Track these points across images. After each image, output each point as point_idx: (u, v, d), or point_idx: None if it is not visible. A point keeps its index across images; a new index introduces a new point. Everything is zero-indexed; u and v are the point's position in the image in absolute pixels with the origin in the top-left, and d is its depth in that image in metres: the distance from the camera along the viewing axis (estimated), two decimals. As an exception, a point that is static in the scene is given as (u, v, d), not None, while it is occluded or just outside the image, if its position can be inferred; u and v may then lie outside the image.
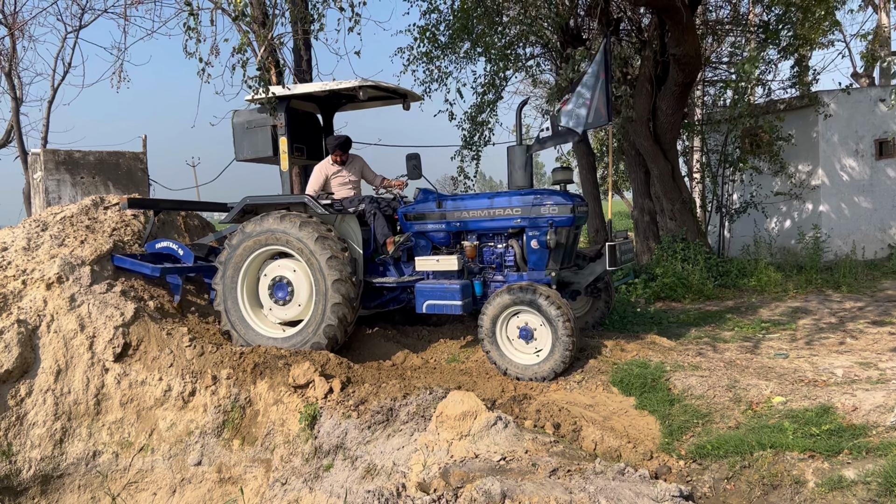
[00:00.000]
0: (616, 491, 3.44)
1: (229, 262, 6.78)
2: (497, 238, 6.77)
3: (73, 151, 11.56)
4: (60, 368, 6.03)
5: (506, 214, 6.55)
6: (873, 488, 3.63)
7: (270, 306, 6.83)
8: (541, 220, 6.38)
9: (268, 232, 6.62)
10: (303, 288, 6.65)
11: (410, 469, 4.37)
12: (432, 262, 6.69)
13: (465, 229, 6.80)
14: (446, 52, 12.13)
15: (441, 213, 6.83)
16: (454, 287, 6.41)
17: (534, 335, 6.03)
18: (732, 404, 5.14)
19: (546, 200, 6.40)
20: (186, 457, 5.73)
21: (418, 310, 6.56)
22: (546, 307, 5.84)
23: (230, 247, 6.80)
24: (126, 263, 7.00)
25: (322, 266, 6.38)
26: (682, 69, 10.02)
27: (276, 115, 6.90)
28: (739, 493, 4.04)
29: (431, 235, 6.95)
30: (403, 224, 7.06)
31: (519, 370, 6.02)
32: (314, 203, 6.75)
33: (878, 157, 12.15)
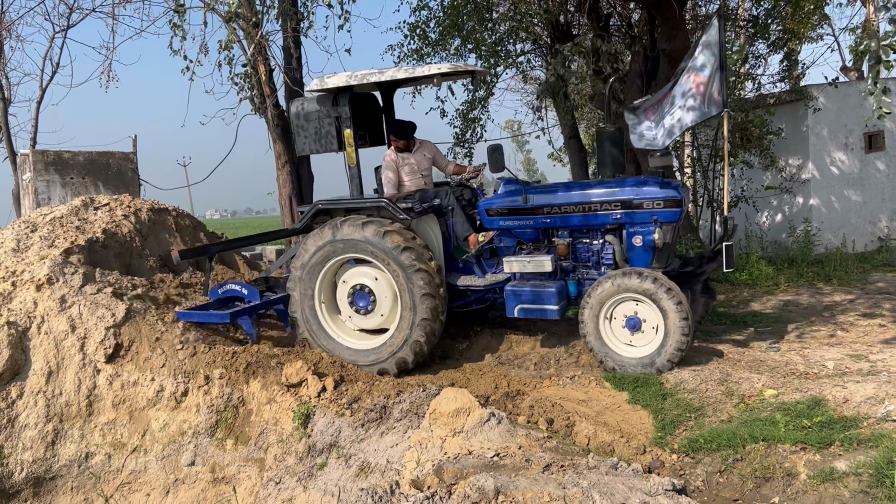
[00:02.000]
0: (609, 485, 3.44)
1: (305, 270, 6.44)
2: (593, 234, 6.21)
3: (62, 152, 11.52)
4: (52, 370, 6.00)
5: (604, 209, 5.98)
6: (864, 479, 3.65)
7: (350, 315, 6.48)
8: (644, 215, 5.84)
9: (346, 240, 6.22)
10: (386, 297, 6.29)
11: (404, 466, 4.37)
12: (522, 263, 6.17)
13: (557, 225, 6.23)
14: (437, 49, 12.11)
15: (529, 207, 6.24)
16: (549, 289, 5.94)
17: (642, 326, 5.59)
18: (725, 398, 5.16)
19: (651, 193, 5.82)
20: (180, 457, 5.71)
21: (509, 314, 6.16)
22: (664, 298, 5.37)
23: (306, 253, 6.44)
24: (193, 318, 6.66)
25: (409, 279, 6.01)
26: (673, 64, 10.02)
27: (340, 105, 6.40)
28: (732, 485, 4.06)
29: (517, 232, 6.40)
30: (485, 219, 6.50)
31: (619, 362, 5.66)
32: (394, 207, 6.22)
33: (868, 151, 12.20)
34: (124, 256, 7.49)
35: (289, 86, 10.77)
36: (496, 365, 6.56)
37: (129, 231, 7.67)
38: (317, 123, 6.55)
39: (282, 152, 11.35)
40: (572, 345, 6.57)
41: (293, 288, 6.54)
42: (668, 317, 5.42)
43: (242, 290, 6.91)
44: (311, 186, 12.14)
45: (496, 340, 6.95)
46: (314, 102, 6.58)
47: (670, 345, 5.46)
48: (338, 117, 6.45)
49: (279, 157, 11.44)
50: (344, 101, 6.39)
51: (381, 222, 6.15)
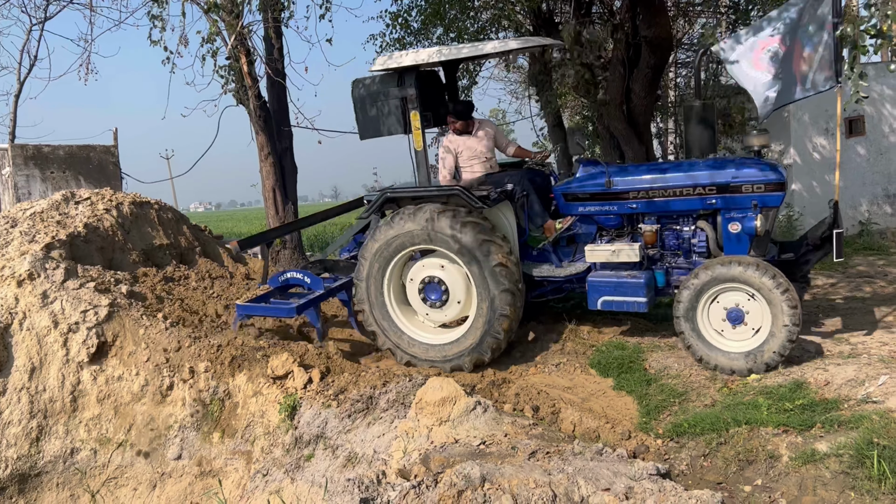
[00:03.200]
0: (594, 471, 3.47)
1: (373, 263, 6.13)
2: (683, 220, 5.79)
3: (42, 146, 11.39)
4: (35, 366, 5.95)
5: (697, 193, 5.56)
6: (845, 460, 3.70)
7: (426, 311, 6.16)
8: (743, 199, 5.43)
9: (419, 230, 5.87)
10: (459, 289, 5.95)
11: (391, 456, 4.39)
12: (606, 252, 5.76)
13: (643, 211, 5.81)
14: (419, 38, 12.06)
15: (613, 192, 5.82)
16: (638, 280, 5.56)
17: (745, 319, 5.17)
18: (708, 383, 5.21)
19: (751, 175, 5.41)
20: (166, 451, 5.70)
21: (591, 306, 5.80)
22: (770, 287, 4.96)
23: (366, 256, 6.16)
24: (257, 311, 6.42)
25: (488, 273, 5.70)
26: (655, 51, 10.04)
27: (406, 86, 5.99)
28: (716, 469, 4.10)
29: (599, 218, 6.00)
30: (562, 205, 6.10)
31: (721, 359, 5.23)
32: (468, 195, 5.81)
33: (848, 136, 12.30)
34: (107, 251, 7.43)
35: (270, 76, 10.70)
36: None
37: (111, 225, 7.61)
38: (381, 105, 6.17)
39: (264, 144, 11.28)
40: (558, 332, 6.60)
41: (360, 281, 6.24)
42: (775, 307, 5.00)
43: (305, 278, 6.59)
44: (294, 178, 12.09)
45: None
46: (377, 83, 6.20)
47: (779, 337, 5.03)
48: (403, 98, 6.06)
49: (262, 149, 11.37)
50: (410, 80, 5.99)
51: (458, 211, 5.81)
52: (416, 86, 5.98)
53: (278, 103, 11.61)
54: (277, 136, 11.55)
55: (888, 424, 3.85)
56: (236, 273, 8.22)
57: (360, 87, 6.29)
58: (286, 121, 11.76)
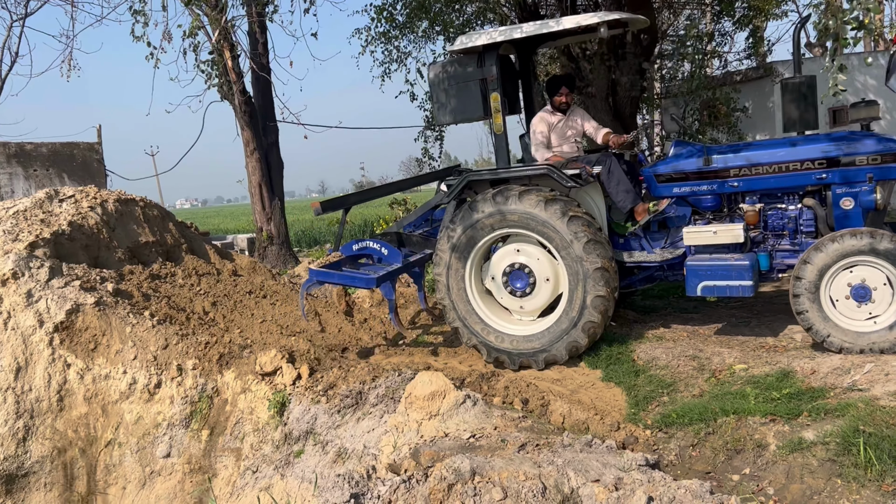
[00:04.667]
0: (584, 462, 3.49)
1: (452, 253, 5.86)
2: (788, 198, 5.50)
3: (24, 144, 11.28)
4: (20, 366, 5.90)
5: (804, 168, 5.23)
6: (832, 448, 3.73)
7: (513, 302, 5.88)
8: (857, 173, 5.09)
9: (504, 213, 5.59)
10: (543, 269, 5.67)
11: (381, 451, 4.38)
12: (707, 234, 5.44)
13: (746, 189, 5.50)
14: (404, 31, 12.02)
15: (712, 170, 5.51)
16: (742, 263, 5.22)
17: (872, 296, 4.84)
18: (696, 373, 5.24)
19: (866, 146, 5.08)
20: (155, 449, 5.67)
21: (690, 292, 5.48)
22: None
23: (449, 237, 5.88)
24: (332, 278, 6.09)
25: (579, 252, 5.40)
26: (640, 43, 10.07)
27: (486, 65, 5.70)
28: (704, 458, 4.13)
29: (695, 199, 5.70)
30: (654, 186, 5.80)
31: (846, 338, 4.91)
32: (560, 174, 5.51)
33: (832, 126, 12.38)
34: (92, 249, 7.36)
35: (255, 71, 10.64)
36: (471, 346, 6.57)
37: (96, 223, 7.54)
38: (459, 88, 5.85)
39: (250, 139, 11.23)
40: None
41: (440, 276, 5.97)
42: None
43: (382, 249, 6.26)
44: (280, 173, 12.05)
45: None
46: (455, 65, 5.90)
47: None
48: (483, 79, 5.74)
49: (247, 144, 11.32)
50: (491, 60, 5.69)
51: (541, 191, 5.53)
52: (498, 66, 5.70)
53: (263, 98, 11.56)
54: (263, 132, 11.51)
55: (873, 412, 3.89)
56: (223, 270, 8.17)
57: (437, 69, 6.01)
58: (272, 116, 11.71)
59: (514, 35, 5.64)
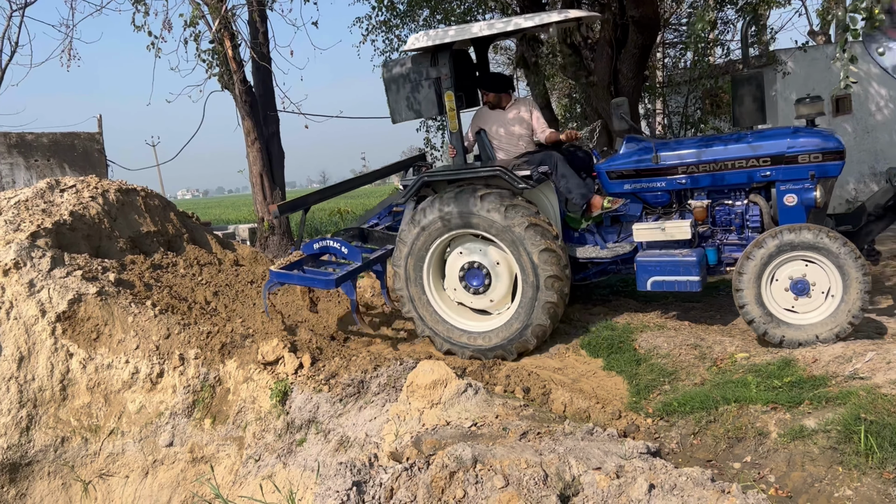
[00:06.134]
0: (585, 450, 3.49)
1: (410, 255, 5.99)
2: (735, 194, 5.62)
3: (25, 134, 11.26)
4: (23, 355, 5.92)
5: (749, 165, 5.35)
6: (833, 436, 3.74)
7: (469, 298, 6.00)
8: (799, 170, 5.21)
9: (465, 215, 5.70)
10: (501, 270, 5.82)
11: (383, 439, 4.40)
12: (656, 231, 5.56)
13: (693, 186, 5.63)
14: (405, 20, 11.97)
15: (661, 167, 5.61)
16: (689, 259, 5.32)
17: (810, 291, 4.98)
18: (698, 362, 5.24)
19: (808, 144, 5.17)
20: (157, 438, 5.69)
21: (640, 287, 5.59)
22: (842, 255, 4.77)
23: (406, 238, 6.00)
24: (292, 279, 6.20)
25: (535, 259, 5.52)
26: (642, 31, 10.01)
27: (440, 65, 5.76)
28: (705, 447, 4.14)
29: (645, 196, 5.81)
30: (606, 183, 5.90)
31: (786, 331, 5.05)
32: (511, 176, 5.64)
33: (835, 114, 12.33)
34: (93, 238, 7.37)
35: (255, 60, 10.60)
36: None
37: (98, 213, 7.54)
38: (413, 86, 5.93)
39: (251, 129, 11.21)
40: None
41: (398, 267, 6.09)
42: (846, 274, 4.81)
43: (342, 248, 6.34)
44: (281, 163, 12.03)
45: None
46: (409, 63, 5.96)
47: (852, 304, 4.84)
48: (437, 78, 5.81)
49: (248, 135, 11.29)
50: (444, 59, 5.76)
51: (501, 194, 5.66)
52: (450, 65, 5.77)
53: (264, 88, 11.52)
54: (264, 121, 11.48)
55: (875, 400, 3.89)
56: (225, 260, 8.18)
57: (391, 68, 6.07)
58: (272, 105, 11.68)
59: (464, 36, 5.66)
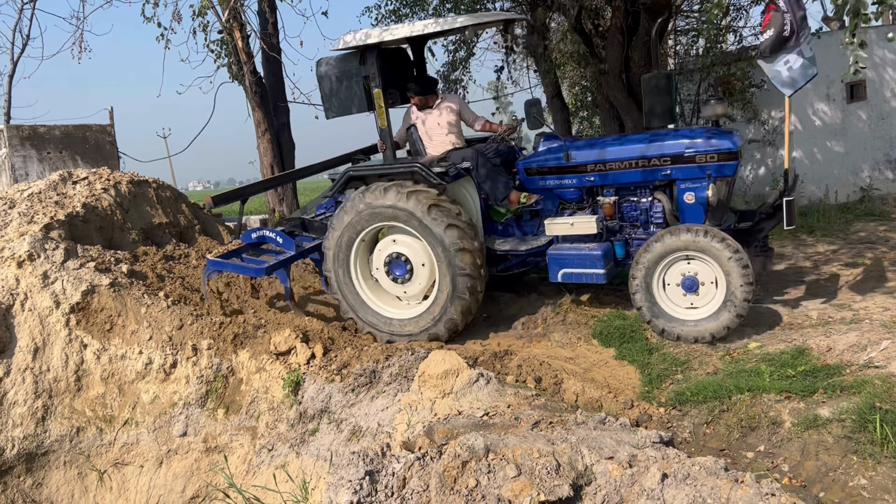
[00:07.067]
0: (598, 440, 3.49)
1: (338, 245, 6.24)
2: (641, 192, 5.85)
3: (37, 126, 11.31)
4: (38, 346, 5.97)
5: (652, 164, 5.60)
6: (847, 425, 3.71)
7: (399, 289, 6.28)
8: (697, 170, 5.46)
9: (373, 207, 5.99)
10: (422, 262, 6.08)
11: (395, 429, 4.41)
12: (566, 225, 5.85)
13: (602, 183, 5.88)
14: (415, 9, 11.91)
15: (572, 165, 5.87)
16: (595, 253, 5.61)
17: (699, 288, 5.23)
18: (710, 351, 5.22)
19: (703, 145, 5.42)
20: (171, 428, 5.73)
21: (552, 279, 5.90)
22: (719, 251, 5.01)
23: (335, 227, 6.24)
24: (227, 267, 6.47)
25: (441, 237, 5.76)
26: (654, 18, 9.93)
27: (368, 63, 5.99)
28: (718, 436, 4.12)
29: (559, 192, 6.07)
30: (525, 179, 6.16)
31: (675, 327, 5.32)
32: (427, 172, 5.91)
33: (850, 101, 12.19)
34: (106, 230, 7.41)
35: (265, 51, 10.60)
36: (484, 326, 6.58)
37: (110, 204, 7.58)
38: (344, 84, 6.17)
39: (261, 120, 11.21)
40: (559, 304, 6.60)
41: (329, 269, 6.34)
42: (727, 270, 5.04)
43: (277, 238, 6.65)
44: (292, 154, 12.03)
45: (483, 301, 6.97)
46: (340, 62, 6.20)
47: (735, 298, 5.06)
48: (366, 77, 6.04)
49: (259, 126, 11.30)
50: (371, 58, 5.98)
51: (405, 184, 5.89)
52: (378, 64, 5.98)
53: (274, 78, 11.52)
54: (274, 112, 11.48)
55: (890, 389, 3.86)
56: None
57: (323, 66, 6.28)
58: (282, 96, 11.68)
59: (385, 38, 5.83)
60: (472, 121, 6.72)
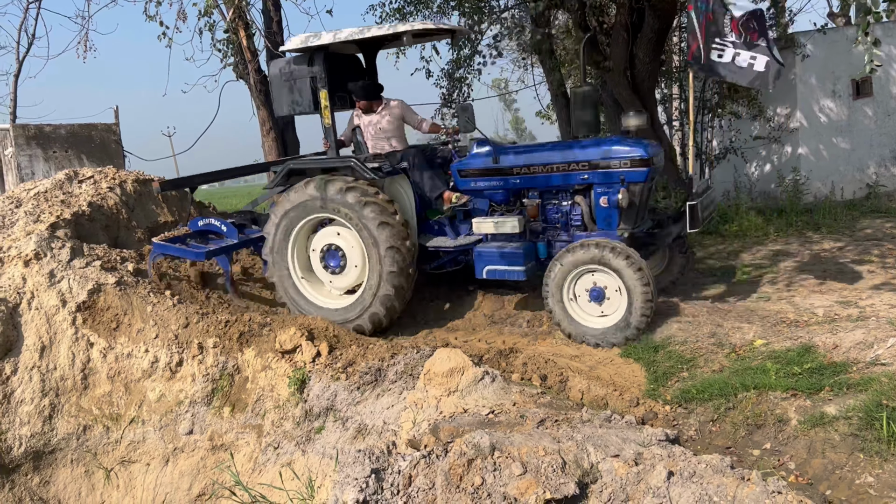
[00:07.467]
0: (603, 438, 3.48)
1: (276, 233, 6.49)
2: (562, 195, 6.16)
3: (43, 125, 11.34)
4: (45, 345, 5.99)
5: (571, 169, 5.92)
6: (854, 423, 3.70)
7: (328, 277, 6.53)
8: (612, 175, 5.77)
9: (312, 199, 6.25)
10: (355, 254, 6.30)
11: (401, 427, 4.41)
12: (490, 224, 6.20)
13: (527, 186, 6.20)
14: (419, 6, 11.90)
15: (499, 168, 6.19)
16: (517, 251, 5.96)
17: (605, 296, 5.56)
18: (716, 348, 5.21)
19: (617, 153, 5.74)
20: (177, 426, 5.75)
21: (478, 275, 6.17)
22: (623, 268, 5.35)
23: (275, 216, 6.49)
24: (169, 250, 6.71)
25: (373, 233, 6.02)
26: (658, 15, 9.90)
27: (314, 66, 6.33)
28: (724, 434, 4.12)
29: (489, 193, 6.39)
30: (458, 181, 6.46)
31: (586, 334, 5.63)
32: (361, 166, 6.22)
33: (856, 97, 12.15)
34: (112, 229, 7.44)
35: (270, 50, 10.60)
36: (489, 324, 6.59)
37: (116, 203, 7.61)
38: (293, 84, 6.50)
39: (266, 118, 11.23)
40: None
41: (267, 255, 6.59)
42: (629, 285, 5.38)
43: (222, 226, 6.96)
44: (297, 151, 12.03)
45: (488, 299, 6.97)
46: (291, 63, 6.53)
47: (635, 311, 5.40)
48: (313, 77, 6.38)
49: (263, 124, 11.31)
50: (318, 60, 6.31)
51: (344, 179, 6.17)
52: (325, 66, 6.30)
53: (279, 77, 11.49)
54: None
55: (897, 386, 3.85)
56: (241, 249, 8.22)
57: (276, 67, 6.67)
58: (287, 94, 11.65)
59: (327, 41, 6.19)
60: (418, 123, 6.98)
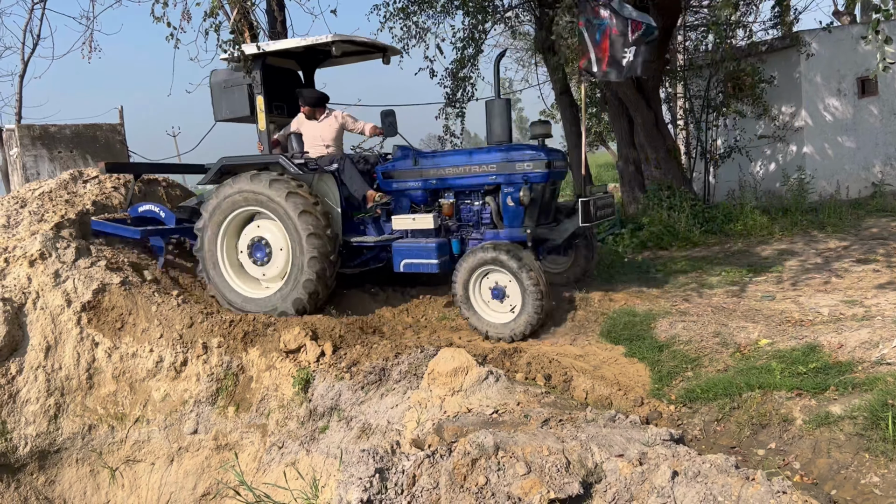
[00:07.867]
0: (608, 437, 3.48)
1: (207, 226, 6.75)
2: (474, 195, 6.66)
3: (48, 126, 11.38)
4: (50, 345, 6.01)
5: (481, 171, 6.44)
6: (859, 422, 3.69)
7: (259, 271, 6.80)
8: (515, 177, 6.26)
9: (240, 192, 6.56)
10: (280, 246, 6.62)
11: (405, 427, 4.41)
12: (409, 221, 6.65)
13: (443, 187, 6.69)
14: (423, 6, 11.90)
15: (418, 170, 6.70)
16: (430, 245, 6.42)
17: (506, 293, 6.00)
18: (721, 348, 5.19)
19: (520, 157, 6.27)
20: (182, 426, 5.76)
21: (396, 268, 6.60)
22: (510, 264, 5.82)
23: (206, 210, 6.76)
24: (107, 228, 6.98)
25: (295, 222, 6.35)
26: (663, 14, 9.89)
27: (252, 73, 6.75)
28: (729, 433, 4.11)
29: (409, 194, 6.86)
30: (382, 183, 6.92)
31: (496, 329, 6.02)
32: (287, 162, 6.64)
33: (861, 96, 12.11)
34: (116, 229, 7.44)
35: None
36: None
37: (120, 203, 7.62)
38: (234, 91, 7.05)
39: (270, 118, 11.21)
40: (568, 301, 6.60)
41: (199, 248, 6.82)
42: (524, 288, 5.80)
43: (161, 212, 7.31)
44: (301, 152, 12.03)
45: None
46: (230, 73, 7.05)
47: (527, 310, 5.81)
48: (250, 84, 6.87)
49: (268, 124, 11.29)
50: (256, 68, 6.73)
51: (270, 174, 6.52)
52: (261, 74, 6.77)
53: (283, 77, 11.48)
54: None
55: (903, 386, 3.83)
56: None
57: (216, 75, 7.19)
58: (291, 95, 11.65)
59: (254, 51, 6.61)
60: (359, 128, 7.33)
